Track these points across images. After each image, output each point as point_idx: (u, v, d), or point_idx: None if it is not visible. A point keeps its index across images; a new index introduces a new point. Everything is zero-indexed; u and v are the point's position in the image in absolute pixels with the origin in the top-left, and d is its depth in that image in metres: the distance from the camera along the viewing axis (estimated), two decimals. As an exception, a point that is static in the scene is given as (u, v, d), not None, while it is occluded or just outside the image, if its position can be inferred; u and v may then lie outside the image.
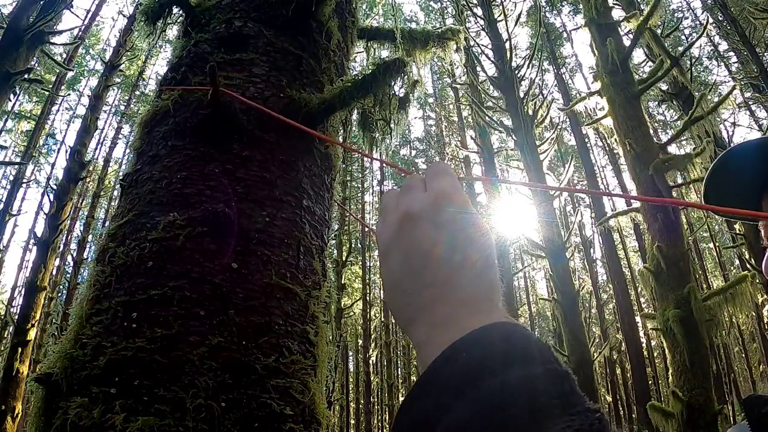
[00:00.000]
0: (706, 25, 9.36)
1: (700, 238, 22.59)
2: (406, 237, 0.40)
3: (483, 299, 0.36)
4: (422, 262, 0.38)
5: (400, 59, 1.40)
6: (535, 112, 9.68)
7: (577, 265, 24.27)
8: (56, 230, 9.44)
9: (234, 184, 1.16)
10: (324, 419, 1.07)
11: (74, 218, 18.27)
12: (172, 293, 1.00)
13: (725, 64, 20.10)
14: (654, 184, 6.84)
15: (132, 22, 11.32)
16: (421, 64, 2.06)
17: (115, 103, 23.20)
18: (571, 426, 0.25)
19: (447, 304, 0.36)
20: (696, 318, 6.18)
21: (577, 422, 0.25)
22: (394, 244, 0.41)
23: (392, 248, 0.41)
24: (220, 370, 0.94)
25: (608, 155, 24.14)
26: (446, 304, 0.36)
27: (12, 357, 8.34)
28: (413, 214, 0.40)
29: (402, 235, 0.40)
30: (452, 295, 0.36)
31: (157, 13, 1.64)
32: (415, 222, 0.40)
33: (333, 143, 1.44)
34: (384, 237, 0.42)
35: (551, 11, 23.54)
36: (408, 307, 0.38)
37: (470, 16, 12.33)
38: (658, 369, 22.50)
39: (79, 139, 10.57)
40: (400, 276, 0.39)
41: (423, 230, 0.39)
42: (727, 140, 10.47)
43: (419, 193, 0.42)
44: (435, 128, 28.06)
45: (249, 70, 1.36)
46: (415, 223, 0.40)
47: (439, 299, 0.36)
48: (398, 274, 0.40)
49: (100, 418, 0.86)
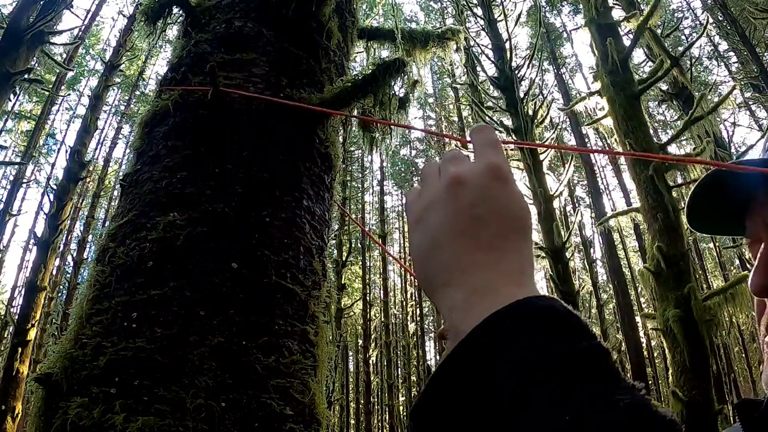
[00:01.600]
0: (706, 25, 9.35)
1: (700, 238, 22.57)
2: (454, 199, 0.39)
3: (526, 273, 0.37)
4: (471, 226, 0.38)
5: (400, 59, 1.40)
6: (535, 112, 9.68)
7: (577, 265, 24.26)
8: (56, 230, 9.44)
9: (234, 184, 1.16)
10: (324, 419, 1.07)
11: (74, 218, 18.27)
12: (172, 293, 1.00)
13: (725, 64, 20.10)
14: (654, 184, 6.84)
15: (132, 22, 11.32)
16: (421, 64, 2.06)
17: (115, 103, 23.20)
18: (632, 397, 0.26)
19: (493, 271, 0.36)
20: (696, 318, 6.18)
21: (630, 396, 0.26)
22: (438, 205, 0.40)
23: (436, 208, 0.40)
24: (220, 370, 0.94)
25: (608, 155, 24.11)
26: (492, 271, 0.36)
27: (12, 357, 8.34)
28: (465, 179, 0.40)
29: (450, 197, 0.40)
30: (498, 264, 0.36)
31: (157, 13, 1.64)
32: (466, 187, 0.40)
33: (371, 120, 1.44)
34: (426, 197, 0.42)
35: (551, 11, 23.53)
36: (444, 269, 0.37)
37: (470, 16, 12.33)
38: (658, 369, 22.49)
39: (79, 139, 10.58)
40: (441, 237, 0.39)
41: (475, 196, 0.39)
42: (727, 140, 10.47)
43: (470, 163, 0.42)
44: (435, 128, 28.06)
45: (249, 70, 1.36)
46: (466, 187, 0.40)
47: (484, 265, 0.36)
48: (439, 235, 0.39)
49: (100, 418, 0.86)
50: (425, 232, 0.40)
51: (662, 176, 6.90)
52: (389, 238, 24.52)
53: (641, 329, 17.78)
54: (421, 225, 0.41)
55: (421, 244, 0.40)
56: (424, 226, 0.41)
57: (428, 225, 0.40)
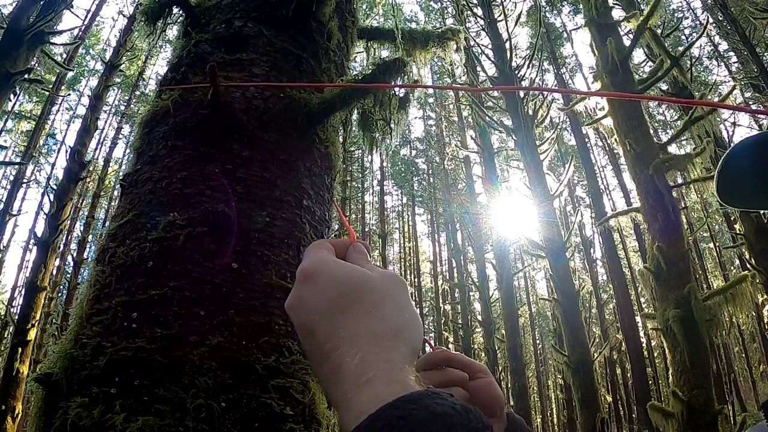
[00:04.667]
0: (706, 25, 9.36)
1: (700, 238, 22.59)
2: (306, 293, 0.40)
3: (394, 363, 0.34)
4: (328, 318, 0.38)
5: (400, 59, 1.40)
6: (535, 111, 9.69)
7: (577, 265, 24.28)
8: (56, 230, 9.44)
9: (234, 184, 1.16)
10: (324, 419, 1.07)
11: (74, 218, 18.27)
12: (172, 293, 1.00)
13: (725, 64, 20.11)
14: (654, 184, 6.84)
15: (132, 22, 11.32)
16: (421, 64, 2.06)
17: (115, 103, 23.21)
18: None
19: (363, 363, 0.34)
20: (696, 318, 6.18)
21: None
22: (303, 301, 0.40)
23: (299, 307, 0.41)
24: (220, 370, 0.94)
25: (608, 155, 24.15)
26: (363, 362, 0.34)
27: (12, 357, 8.35)
28: (311, 273, 0.41)
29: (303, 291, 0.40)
30: (366, 356, 0.34)
31: (157, 13, 1.64)
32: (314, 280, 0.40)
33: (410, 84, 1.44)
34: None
35: (551, 11, 23.54)
36: (316, 364, 0.37)
37: (470, 16, 12.33)
38: (658, 369, 22.50)
39: (79, 139, 10.58)
40: (303, 334, 0.39)
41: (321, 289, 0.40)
42: (727, 140, 10.47)
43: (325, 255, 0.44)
44: (435, 128, 28.07)
45: (249, 70, 1.36)
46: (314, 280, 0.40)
47: (348, 357, 0.34)
48: (303, 329, 0.39)
49: (100, 418, 0.86)
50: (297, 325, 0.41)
51: (662, 176, 6.90)
52: (389, 238, 24.50)
53: (641, 329, 17.79)
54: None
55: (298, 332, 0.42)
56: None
57: (295, 319, 0.41)
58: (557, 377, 25.06)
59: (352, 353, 0.34)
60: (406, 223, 29.51)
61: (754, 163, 0.57)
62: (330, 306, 0.38)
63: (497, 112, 10.75)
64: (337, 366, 0.34)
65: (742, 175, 0.59)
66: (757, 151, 0.56)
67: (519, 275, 25.53)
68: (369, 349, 0.34)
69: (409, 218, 29.56)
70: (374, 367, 0.33)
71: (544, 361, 28.53)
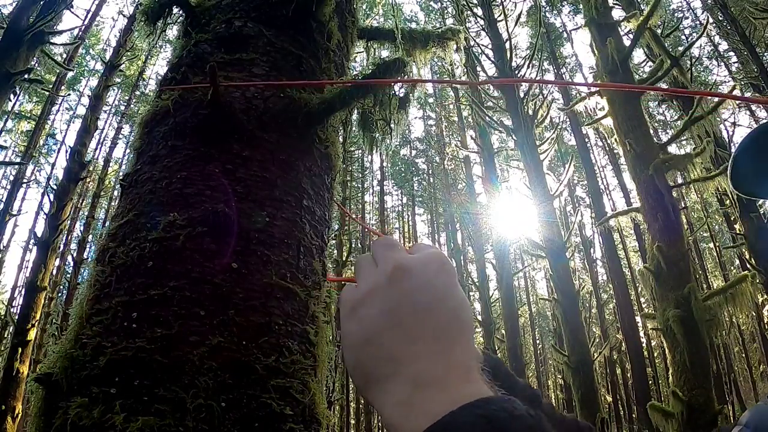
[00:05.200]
0: (706, 25, 9.36)
1: (700, 238, 22.59)
2: (397, 288, 0.38)
3: (473, 369, 0.35)
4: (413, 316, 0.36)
5: (400, 59, 1.40)
6: (535, 112, 9.69)
7: (577, 265, 24.27)
8: (56, 230, 9.44)
9: (234, 184, 1.16)
10: (324, 419, 1.07)
11: (74, 218, 18.27)
12: (172, 293, 1.00)
13: (725, 64, 20.11)
14: (654, 184, 6.85)
15: (132, 22, 11.32)
16: (421, 64, 2.06)
17: (115, 103, 23.21)
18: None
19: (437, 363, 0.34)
20: (696, 318, 6.18)
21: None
22: (378, 293, 0.38)
23: (374, 296, 0.38)
24: (220, 370, 0.94)
25: (608, 155, 24.15)
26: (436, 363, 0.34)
27: (12, 357, 8.34)
28: (409, 267, 0.39)
29: (392, 285, 0.38)
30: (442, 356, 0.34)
31: (157, 13, 1.64)
32: (411, 274, 0.38)
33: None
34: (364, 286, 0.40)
35: (551, 11, 23.54)
36: (382, 361, 0.35)
37: (470, 16, 12.34)
38: (658, 369, 22.50)
39: (79, 139, 10.58)
40: (380, 327, 0.37)
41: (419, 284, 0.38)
42: (727, 140, 10.47)
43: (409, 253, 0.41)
44: (435, 128, 28.07)
45: (249, 70, 1.36)
46: (410, 275, 0.38)
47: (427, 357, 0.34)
48: (378, 324, 0.37)
49: (100, 418, 0.86)
50: (361, 322, 0.38)
51: (662, 176, 6.90)
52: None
53: (641, 329, 17.79)
54: (357, 314, 0.38)
55: (356, 333, 0.38)
56: (360, 315, 0.38)
57: (366, 314, 0.38)
58: (557, 377, 25.09)
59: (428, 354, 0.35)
60: (406, 223, 29.53)
61: (765, 150, 0.57)
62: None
63: (497, 112, 10.75)
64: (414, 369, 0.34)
65: (755, 162, 0.59)
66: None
67: (519, 275, 25.53)
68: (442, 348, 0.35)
69: (409, 218, 29.59)
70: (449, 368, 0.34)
71: (544, 361, 28.52)
